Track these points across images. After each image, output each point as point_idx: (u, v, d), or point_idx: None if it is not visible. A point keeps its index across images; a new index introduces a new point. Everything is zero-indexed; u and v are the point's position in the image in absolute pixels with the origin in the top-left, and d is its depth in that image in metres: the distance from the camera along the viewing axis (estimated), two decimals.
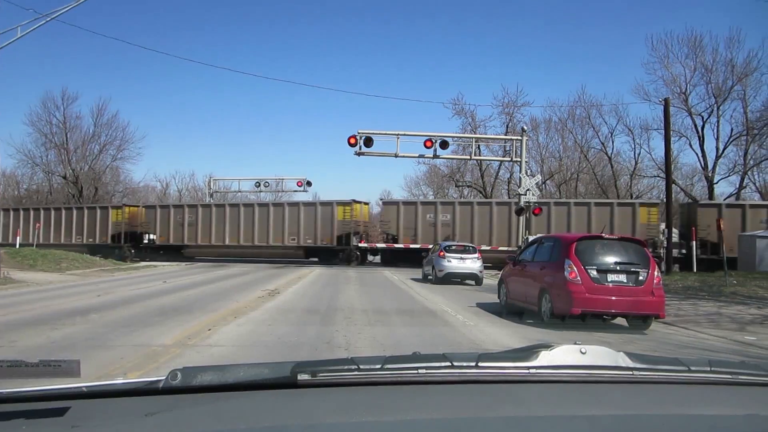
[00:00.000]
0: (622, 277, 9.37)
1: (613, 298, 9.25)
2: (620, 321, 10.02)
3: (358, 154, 24.46)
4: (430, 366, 1.22)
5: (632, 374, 1.27)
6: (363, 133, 24.28)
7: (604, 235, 10.64)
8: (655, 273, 9.50)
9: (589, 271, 9.28)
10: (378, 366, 1.22)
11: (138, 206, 35.54)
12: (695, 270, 21.52)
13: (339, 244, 29.48)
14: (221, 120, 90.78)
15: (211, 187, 40.94)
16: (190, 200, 46.68)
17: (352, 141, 24.16)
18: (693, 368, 1.33)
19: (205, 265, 28.78)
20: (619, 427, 1.00)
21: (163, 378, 1.21)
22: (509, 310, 11.23)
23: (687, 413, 1.13)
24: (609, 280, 9.32)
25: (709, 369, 1.33)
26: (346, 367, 1.22)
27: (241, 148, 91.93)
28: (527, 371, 1.23)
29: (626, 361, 1.30)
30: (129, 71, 76.99)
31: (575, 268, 9.30)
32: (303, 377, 1.19)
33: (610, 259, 9.49)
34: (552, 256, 10.16)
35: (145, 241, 32.77)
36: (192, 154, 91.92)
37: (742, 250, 21.90)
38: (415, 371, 1.21)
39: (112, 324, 8.72)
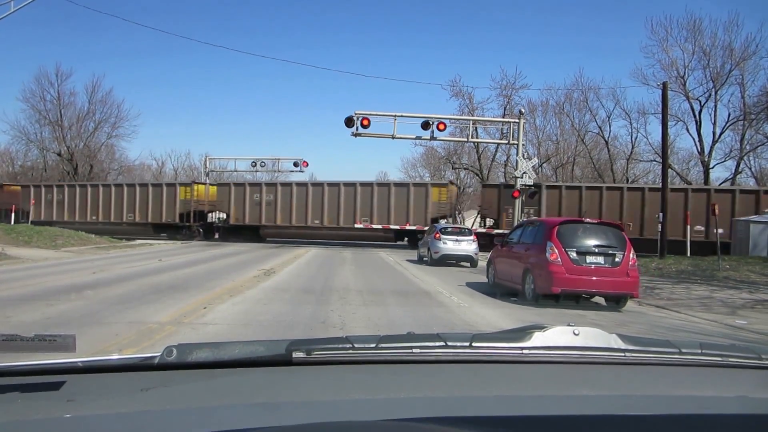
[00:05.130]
0: (600, 259, 9.90)
1: (591, 278, 9.80)
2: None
3: (355, 135, 24.36)
4: (425, 346, 1.23)
5: (624, 356, 1.28)
6: (360, 114, 24.14)
7: (584, 219, 11.32)
8: (631, 255, 10.03)
9: (569, 252, 9.79)
10: (372, 345, 1.22)
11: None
12: (689, 254, 21.68)
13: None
14: (217, 99, 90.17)
15: (207, 166, 40.72)
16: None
17: (350, 122, 24.03)
18: (684, 350, 1.33)
19: (201, 244, 28.77)
20: (611, 407, 1.00)
21: (159, 354, 1.21)
22: (497, 289, 11.65)
23: (678, 394, 1.14)
24: (588, 261, 9.85)
25: (699, 351, 1.34)
26: (340, 345, 1.22)
27: (237, 128, 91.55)
28: (520, 352, 1.24)
29: (618, 343, 1.30)
30: (124, 48, 76.18)
31: (556, 250, 9.82)
32: (298, 355, 1.19)
33: (590, 242, 10.02)
34: (536, 238, 10.68)
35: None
36: (188, 132, 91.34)
37: (737, 235, 22.03)
38: (410, 350, 1.21)
39: (108, 301, 8.73)
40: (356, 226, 29.28)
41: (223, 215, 31.90)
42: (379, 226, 29.05)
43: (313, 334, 6.63)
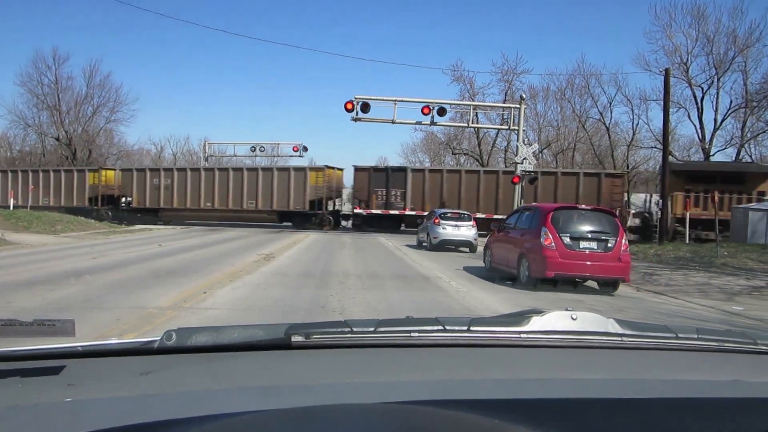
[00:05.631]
0: (593, 244, 10.15)
1: (584, 263, 10.03)
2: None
3: (355, 119, 24.25)
4: (423, 330, 1.23)
5: (621, 340, 1.29)
6: (360, 99, 24.01)
7: (578, 205, 11.64)
8: (623, 241, 10.28)
9: (563, 238, 10.05)
10: (371, 329, 1.23)
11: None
12: (688, 241, 21.73)
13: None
14: (217, 83, 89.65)
15: (206, 150, 40.65)
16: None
17: (349, 106, 23.91)
18: (681, 335, 1.34)
19: (200, 229, 28.81)
20: (607, 390, 1.01)
21: (158, 338, 1.22)
22: (493, 274, 11.90)
23: (674, 378, 1.15)
24: (581, 246, 10.10)
25: (696, 336, 1.35)
26: (339, 329, 1.23)
27: (238, 112, 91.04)
28: (518, 336, 1.24)
29: (615, 328, 1.31)
30: (121, 31, 75.46)
31: (551, 235, 10.07)
32: (297, 339, 1.19)
33: (583, 228, 10.26)
34: (531, 224, 10.90)
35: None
36: (187, 117, 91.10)
37: (735, 222, 22.07)
38: (408, 334, 1.22)
39: (108, 286, 8.77)
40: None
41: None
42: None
43: (313, 319, 6.68)
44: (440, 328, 1.23)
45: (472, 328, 1.25)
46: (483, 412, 0.88)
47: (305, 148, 37.94)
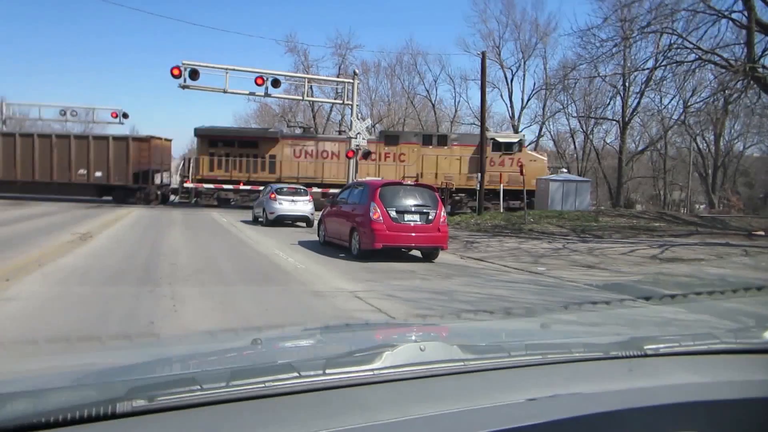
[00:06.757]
0: (416, 217, 11.06)
1: (408, 234, 10.95)
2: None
3: (183, 87, 22.69)
4: (277, 378, 1.18)
5: (464, 365, 1.36)
6: (188, 65, 22.47)
7: (403, 181, 12.54)
8: (441, 213, 11.33)
9: (389, 211, 10.83)
10: (223, 384, 1.14)
11: None
12: (502, 210, 24.23)
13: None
14: (20, 38, 77.19)
15: (4, 111, 35.01)
16: None
17: (176, 72, 22.27)
18: (513, 353, 1.47)
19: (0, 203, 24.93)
20: (452, 425, 1.05)
21: None
22: (328, 248, 12.46)
23: (505, 403, 1.21)
24: (406, 219, 10.96)
25: (525, 353, 1.49)
26: (187, 388, 1.11)
27: (45, 74, 79.63)
28: (372, 373, 1.26)
29: (458, 354, 1.41)
30: None
31: (378, 210, 10.79)
32: (139, 403, 1.04)
33: (408, 202, 11.15)
34: (361, 199, 11.52)
35: None
36: None
37: (539, 192, 25.11)
38: (262, 385, 1.16)
39: None
40: None
41: None
42: None
43: (141, 312, 6.23)
44: (295, 374, 1.19)
45: (327, 371, 1.23)
46: None
47: (125, 115, 34.64)
